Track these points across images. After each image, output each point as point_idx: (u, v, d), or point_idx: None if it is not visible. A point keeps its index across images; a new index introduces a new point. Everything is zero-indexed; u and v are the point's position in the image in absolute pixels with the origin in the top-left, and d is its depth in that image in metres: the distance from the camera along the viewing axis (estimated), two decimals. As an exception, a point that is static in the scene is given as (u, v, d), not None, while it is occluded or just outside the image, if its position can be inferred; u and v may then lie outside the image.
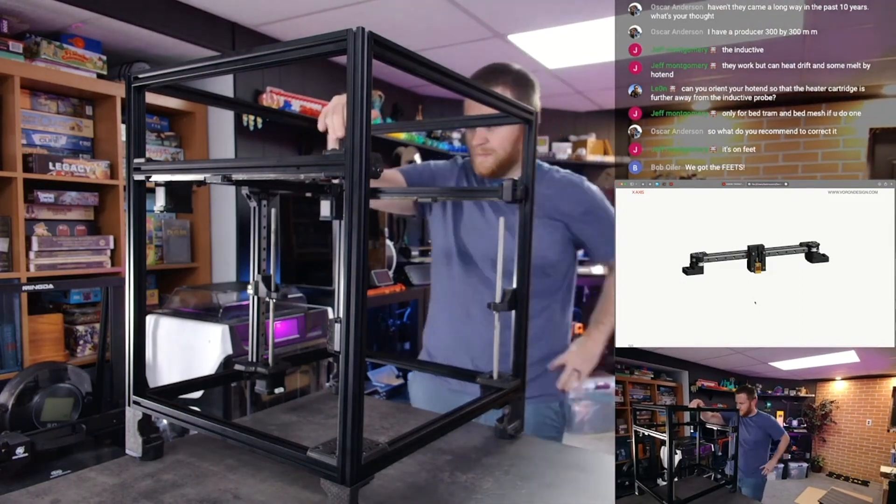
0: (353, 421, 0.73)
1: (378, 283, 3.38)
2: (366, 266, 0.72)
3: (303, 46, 0.75)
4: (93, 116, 2.87)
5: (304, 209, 3.26)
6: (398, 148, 4.20)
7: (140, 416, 0.99)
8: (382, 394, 3.52)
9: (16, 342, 2.50)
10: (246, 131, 3.22)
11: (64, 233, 2.70)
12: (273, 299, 1.10)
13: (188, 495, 0.89)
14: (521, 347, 1.15)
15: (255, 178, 1.06)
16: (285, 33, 3.25)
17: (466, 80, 0.93)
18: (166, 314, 2.60)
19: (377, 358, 1.64)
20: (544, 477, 1.00)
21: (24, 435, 1.79)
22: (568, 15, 2.93)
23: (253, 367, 1.11)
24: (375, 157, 0.72)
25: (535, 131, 1.15)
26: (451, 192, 1.56)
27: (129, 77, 0.97)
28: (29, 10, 2.50)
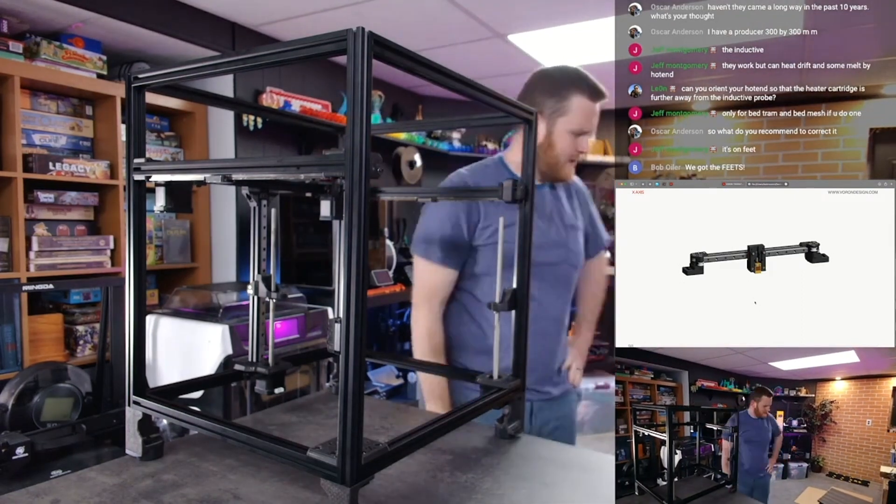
0: (353, 421, 0.73)
1: (378, 283, 3.38)
2: (366, 266, 0.72)
3: (303, 46, 0.75)
4: (93, 116, 2.87)
5: (304, 209, 3.26)
6: (398, 148, 4.20)
7: (140, 416, 0.99)
8: (382, 394, 3.52)
9: (16, 342, 2.50)
10: (246, 131, 3.22)
11: (64, 233, 2.70)
12: (273, 299, 1.10)
13: (188, 495, 0.89)
14: (522, 347, 1.15)
15: (255, 178, 1.06)
16: (285, 33, 3.25)
17: (466, 79, 0.93)
18: (166, 314, 2.60)
19: (377, 358, 1.64)
20: (544, 477, 1.00)
21: (24, 435, 1.79)
22: (568, 15, 2.93)
23: (253, 367, 1.11)
24: (375, 157, 0.72)
25: (535, 131, 1.15)
26: (451, 191, 1.56)
27: (129, 77, 0.97)
28: (29, 10, 2.50)
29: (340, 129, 1.42)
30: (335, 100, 3.65)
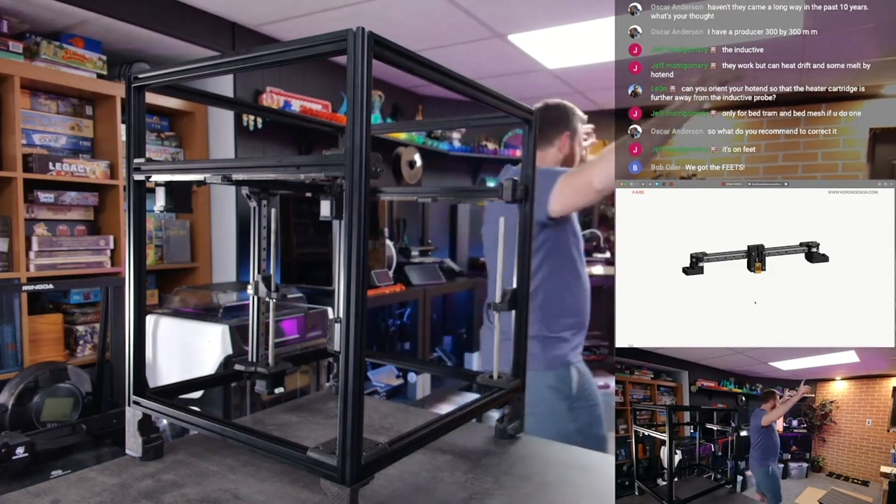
0: (353, 421, 0.73)
1: (378, 283, 3.38)
2: (366, 266, 0.72)
3: (303, 46, 0.75)
4: (93, 116, 2.87)
5: (304, 209, 3.26)
6: (398, 148, 4.20)
7: (140, 416, 0.99)
8: (382, 394, 3.52)
9: (16, 342, 2.50)
10: (246, 131, 3.22)
11: (64, 233, 2.70)
12: (273, 299, 1.10)
13: (188, 495, 0.89)
14: (522, 347, 1.15)
15: (255, 178, 1.06)
16: (285, 33, 3.25)
17: (466, 79, 0.93)
18: (166, 314, 2.60)
19: (377, 358, 1.64)
20: (544, 477, 1.00)
21: (24, 435, 1.79)
22: (568, 15, 2.93)
23: (253, 367, 1.11)
24: (375, 157, 0.72)
25: (535, 132, 1.15)
26: (451, 191, 1.56)
27: (129, 77, 0.97)
28: (29, 10, 2.50)
29: (340, 129, 1.42)
30: (335, 100, 3.65)
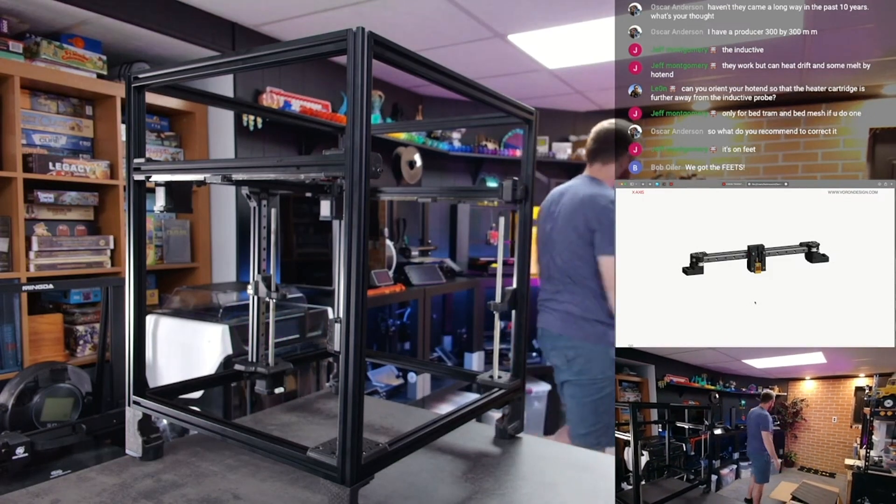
0: (353, 421, 0.73)
1: (378, 283, 3.38)
2: (366, 266, 0.72)
3: (303, 46, 0.75)
4: (93, 116, 2.87)
5: (304, 209, 3.26)
6: (398, 148, 4.19)
7: (140, 416, 0.99)
8: (382, 394, 3.52)
9: (16, 342, 2.50)
10: (246, 131, 3.21)
11: (64, 233, 2.70)
12: (273, 299, 1.10)
13: (188, 495, 0.89)
14: (522, 347, 1.15)
15: (255, 178, 1.06)
16: (285, 33, 3.25)
17: (466, 79, 0.93)
18: (166, 314, 2.60)
19: (377, 358, 1.64)
20: (544, 476, 1.00)
21: (24, 435, 1.78)
22: (568, 15, 2.93)
23: (253, 367, 1.11)
24: (375, 157, 0.72)
25: (535, 132, 1.15)
26: (451, 191, 1.56)
27: (129, 77, 0.97)
28: (29, 10, 2.50)
29: (340, 129, 1.42)
30: (335, 100, 3.65)
